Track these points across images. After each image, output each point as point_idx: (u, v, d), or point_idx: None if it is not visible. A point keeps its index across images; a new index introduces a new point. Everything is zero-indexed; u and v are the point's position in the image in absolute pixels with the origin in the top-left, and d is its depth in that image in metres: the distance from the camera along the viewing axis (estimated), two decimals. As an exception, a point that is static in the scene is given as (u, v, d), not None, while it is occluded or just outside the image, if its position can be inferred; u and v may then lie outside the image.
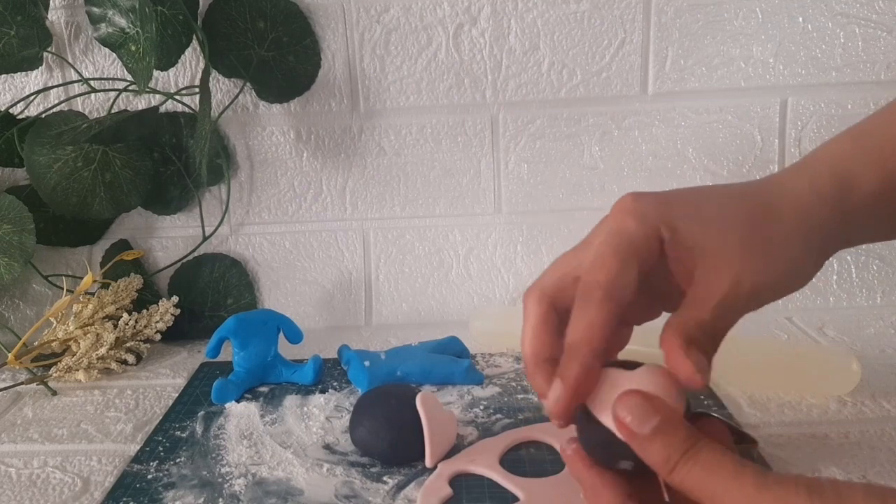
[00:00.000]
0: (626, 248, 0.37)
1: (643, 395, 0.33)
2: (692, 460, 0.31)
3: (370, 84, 0.75)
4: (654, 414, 0.32)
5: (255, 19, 0.73)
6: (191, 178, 0.77)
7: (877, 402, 0.56)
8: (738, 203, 0.39)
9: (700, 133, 0.75)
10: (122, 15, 0.69)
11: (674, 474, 0.31)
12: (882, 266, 0.76)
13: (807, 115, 0.74)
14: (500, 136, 0.76)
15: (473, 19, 0.73)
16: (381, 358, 0.63)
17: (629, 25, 0.72)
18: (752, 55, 0.72)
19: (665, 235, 0.38)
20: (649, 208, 0.38)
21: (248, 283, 0.79)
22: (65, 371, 0.67)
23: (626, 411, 0.33)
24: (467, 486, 0.47)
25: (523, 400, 0.59)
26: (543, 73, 0.74)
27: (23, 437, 0.58)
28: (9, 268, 0.70)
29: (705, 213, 0.38)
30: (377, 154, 0.77)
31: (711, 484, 0.30)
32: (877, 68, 0.72)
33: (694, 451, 0.31)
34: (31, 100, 0.75)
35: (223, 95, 0.76)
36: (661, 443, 0.32)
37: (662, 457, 0.31)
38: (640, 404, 0.32)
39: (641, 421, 0.32)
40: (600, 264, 0.37)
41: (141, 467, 0.52)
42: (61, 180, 0.72)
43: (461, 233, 0.78)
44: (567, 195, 0.77)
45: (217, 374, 0.65)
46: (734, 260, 0.37)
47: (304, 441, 0.54)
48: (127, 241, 0.80)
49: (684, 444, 0.31)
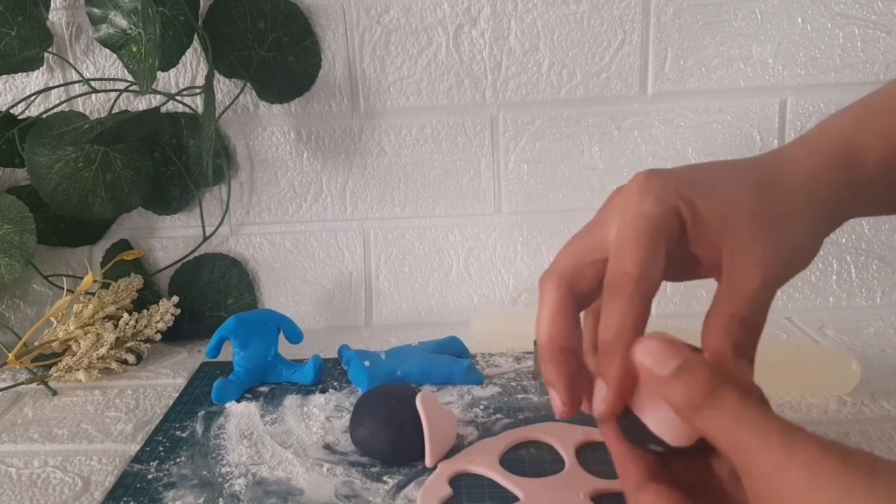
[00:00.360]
0: (651, 232, 0.36)
1: (663, 339, 0.32)
2: (716, 406, 0.29)
3: (370, 84, 0.75)
4: (675, 357, 0.31)
5: (256, 20, 0.73)
6: (191, 179, 0.77)
7: (877, 402, 0.56)
8: (751, 180, 0.38)
9: (699, 133, 0.75)
10: (124, 16, 0.69)
11: (696, 417, 0.30)
12: (882, 266, 0.76)
13: (806, 115, 0.74)
14: (500, 137, 0.76)
15: (473, 20, 0.73)
16: (381, 358, 0.63)
17: (629, 26, 0.72)
18: (751, 56, 0.72)
19: (686, 216, 0.37)
20: (666, 188, 0.37)
21: (248, 283, 0.79)
22: (65, 371, 0.67)
23: (645, 354, 0.32)
24: (467, 485, 0.47)
25: (523, 400, 0.59)
26: (543, 73, 0.74)
27: (23, 437, 0.58)
28: (9, 268, 0.70)
29: (722, 193, 0.37)
30: (377, 154, 0.77)
31: (735, 436, 0.28)
32: (876, 69, 0.72)
33: (719, 394, 0.29)
34: (32, 100, 0.76)
35: (224, 96, 0.76)
36: (682, 385, 0.30)
37: (684, 397, 0.30)
38: (661, 348, 0.32)
39: (662, 363, 0.31)
40: (628, 252, 0.36)
41: (141, 467, 0.52)
42: (62, 180, 0.72)
43: (461, 233, 0.78)
44: (567, 195, 0.77)
45: (217, 374, 0.65)
46: (758, 241, 0.36)
47: (305, 441, 0.54)
48: (127, 241, 0.80)
49: (708, 386, 0.30)
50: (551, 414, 0.56)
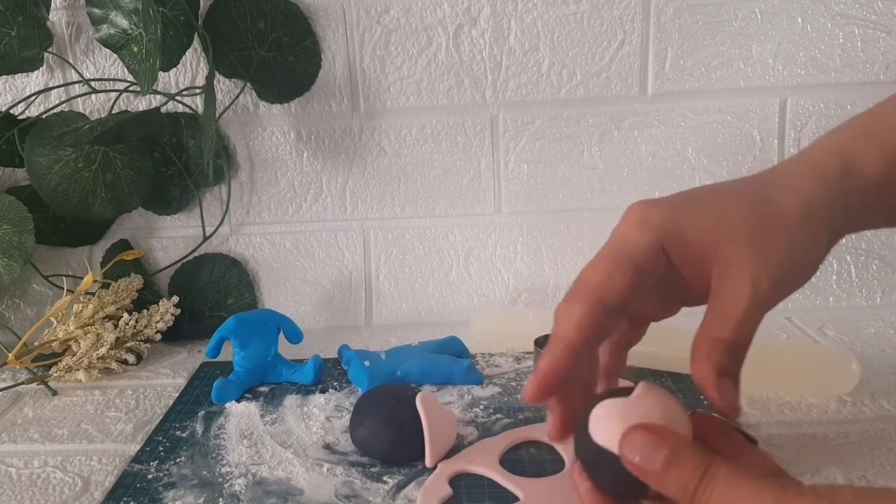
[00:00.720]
0: (624, 255, 0.37)
1: (647, 430, 0.32)
2: (710, 485, 0.30)
3: (370, 84, 0.75)
4: (662, 447, 0.32)
5: (256, 20, 0.73)
6: (191, 179, 0.77)
7: (876, 402, 0.56)
8: (742, 200, 0.39)
9: (699, 133, 0.75)
10: (125, 16, 0.69)
11: (695, 500, 0.31)
12: (882, 266, 0.76)
13: (806, 115, 0.74)
14: (500, 137, 0.76)
15: (473, 20, 0.73)
16: (381, 358, 0.63)
17: (628, 26, 0.72)
18: (751, 56, 0.72)
19: (668, 246, 0.38)
20: (655, 216, 0.38)
21: (248, 283, 0.79)
22: (65, 371, 0.67)
23: (633, 451, 0.32)
24: (467, 485, 0.47)
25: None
26: (543, 73, 0.74)
27: (23, 437, 0.58)
28: (8, 268, 0.70)
29: (711, 216, 0.38)
30: (377, 154, 0.77)
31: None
32: (876, 69, 0.72)
33: (710, 473, 0.31)
34: (32, 100, 0.76)
35: (224, 96, 0.76)
36: (675, 474, 0.31)
37: (680, 488, 0.31)
38: (646, 440, 0.32)
39: (651, 457, 0.32)
40: (594, 266, 0.38)
41: (141, 467, 0.52)
42: (62, 181, 0.72)
43: (461, 233, 0.78)
44: (567, 195, 0.77)
45: (217, 374, 0.65)
46: (748, 262, 0.37)
47: (305, 441, 0.54)
48: (127, 241, 0.80)
49: (699, 470, 0.31)
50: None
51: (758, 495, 0.29)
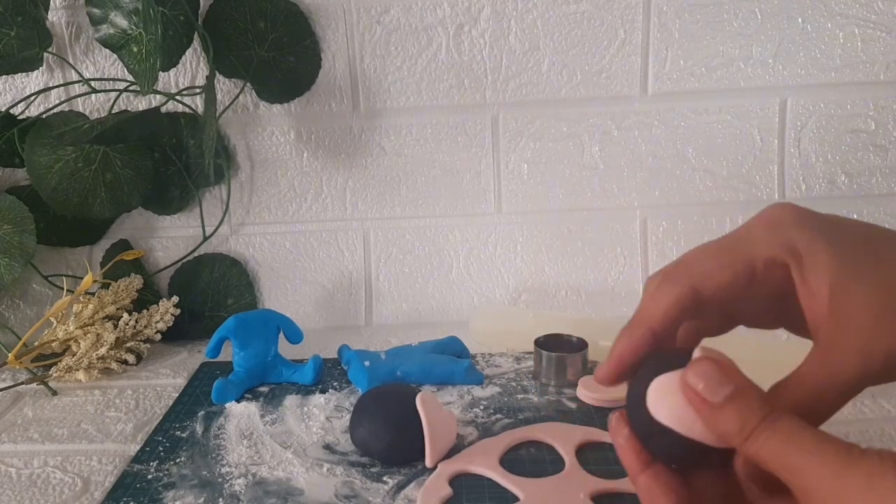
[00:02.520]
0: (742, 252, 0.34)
1: (715, 362, 0.31)
2: (769, 429, 0.29)
3: (370, 84, 0.75)
4: (728, 382, 0.30)
5: (256, 20, 0.73)
6: (191, 179, 0.77)
7: (877, 402, 0.56)
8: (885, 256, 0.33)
9: (700, 133, 0.75)
10: (125, 16, 0.69)
11: (749, 443, 0.29)
12: (882, 266, 0.76)
13: (806, 115, 0.74)
14: (500, 137, 0.76)
15: (473, 20, 0.73)
16: (381, 358, 0.63)
17: (629, 26, 0.72)
18: (751, 55, 0.72)
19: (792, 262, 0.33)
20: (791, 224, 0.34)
21: (248, 283, 0.79)
22: (65, 371, 0.67)
23: (698, 378, 0.31)
24: (467, 486, 0.47)
25: (523, 400, 0.59)
26: (543, 73, 0.74)
27: (23, 437, 0.58)
28: (9, 268, 0.70)
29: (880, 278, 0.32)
30: (377, 154, 0.77)
31: (790, 455, 0.28)
32: (876, 69, 0.72)
33: (771, 419, 0.29)
34: (32, 100, 0.76)
35: (224, 96, 0.76)
36: (734, 410, 0.29)
37: (736, 425, 0.29)
38: (714, 371, 0.31)
39: (714, 390, 0.30)
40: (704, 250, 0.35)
41: (141, 467, 0.52)
42: (62, 181, 0.72)
43: (461, 233, 0.78)
44: (567, 195, 0.77)
45: (217, 374, 0.65)
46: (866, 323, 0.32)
47: (304, 441, 0.54)
48: (127, 241, 0.80)
49: (760, 412, 0.29)
50: (551, 414, 0.56)
51: (820, 448, 0.27)
